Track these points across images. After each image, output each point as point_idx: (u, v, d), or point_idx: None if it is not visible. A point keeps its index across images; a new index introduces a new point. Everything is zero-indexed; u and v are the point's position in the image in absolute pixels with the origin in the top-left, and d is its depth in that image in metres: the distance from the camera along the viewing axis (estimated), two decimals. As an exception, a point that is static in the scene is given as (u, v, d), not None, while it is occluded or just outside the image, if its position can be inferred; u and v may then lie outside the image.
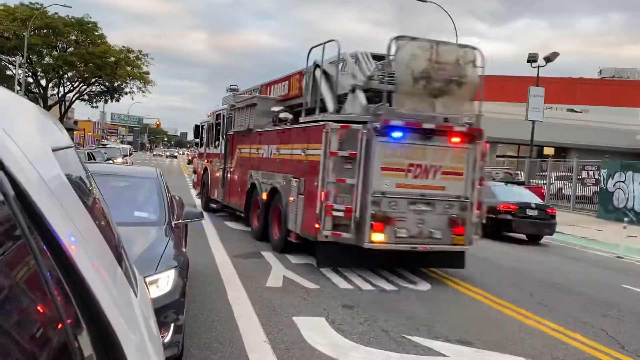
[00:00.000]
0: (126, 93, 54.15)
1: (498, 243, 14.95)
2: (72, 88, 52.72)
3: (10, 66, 48.95)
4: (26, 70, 44.34)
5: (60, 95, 52.29)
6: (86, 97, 54.66)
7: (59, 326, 0.98)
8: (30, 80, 48.92)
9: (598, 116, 48.50)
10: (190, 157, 57.93)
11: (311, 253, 9.55)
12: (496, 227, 15.23)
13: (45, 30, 46.37)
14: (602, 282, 10.27)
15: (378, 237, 8.42)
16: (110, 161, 28.68)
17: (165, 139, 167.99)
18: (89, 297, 1.13)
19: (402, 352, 5.43)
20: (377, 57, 10.15)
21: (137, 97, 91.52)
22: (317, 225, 8.63)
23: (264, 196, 11.40)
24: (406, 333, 6.02)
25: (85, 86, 52.71)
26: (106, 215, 1.80)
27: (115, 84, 52.15)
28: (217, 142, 16.49)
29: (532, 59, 32.01)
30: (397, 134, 8.60)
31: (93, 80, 51.29)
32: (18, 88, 39.75)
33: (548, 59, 31.44)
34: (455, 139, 9.00)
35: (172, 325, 4.31)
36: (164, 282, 4.40)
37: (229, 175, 14.73)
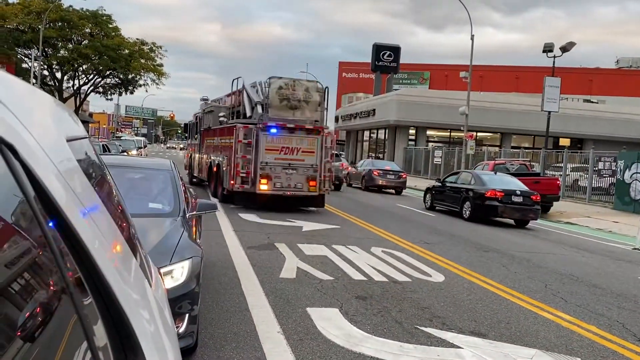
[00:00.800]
0: (140, 85, 54.49)
1: (489, 227, 15.92)
2: (87, 81, 53.12)
3: (25, 59, 49.41)
4: (41, 63, 44.72)
5: (75, 88, 52.68)
6: (101, 89, 55.06)
7: (74, 317, 0.99)
8: (46, 73, 49.37)
9: (615, 107, 47.92)
10: None
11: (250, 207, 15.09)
12: (484, 212, 16.89)
13: (60, 23, 46.67)
14: (618, 274, 10.18)
15: (263, 187, 15.14)
16: (125, 153, 28.90)
17: (179, 131, 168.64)
18: (105, 288, 1.14)
19: (416, 343, 5.43)
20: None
21: (151, 90, 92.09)
22: (232, 182, 15.23)
23: (215, 169, 17.87)
24: (420, 324, 6.02)
25: (100, 79, 53.07)
26: (121, 206, 1.81)
27: (130, 77, 52.43)
28: (196, 136, 23.50)
29: (547, 49, 31.66)
30: (272, 130, 15.17)
31: (107, 72, 51.62)
32: (34, 81, 40.09)
33: (564, 49, 31.08)
34: (307, 130, 15.40)
35: (187, 315, 4.34)
36: (179, 273, 4.43)
37: (201, 158, 21.50)
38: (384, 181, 26.80)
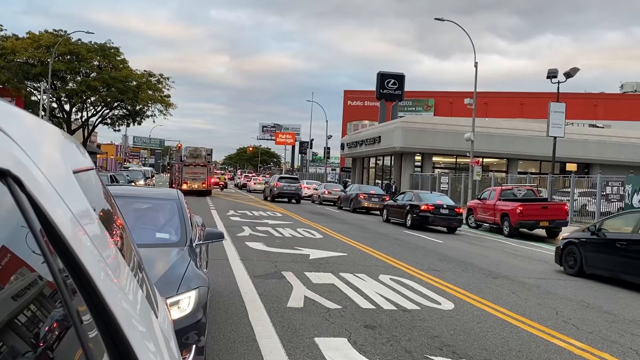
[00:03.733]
0: (148, 116, 55.04)
1: (426, 233, 20.90)
2: (95, 112, 53.71)
3: (35, 92, 50.07)
4: (50, 95, 45.29)
5: (83, 120, 53.25)
6: (109, 121, 55.64)
7: (80, 350, 0.98)
8: (55, 105, 49.95)
9: (620, 131, 47.85)
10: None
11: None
12: (420, 221, 21.96)
13: (68, 57, 47.42)
14: (629, 300, 10.04)
15: (184, 187, 36.08)
16: (132, 183, 29.07)
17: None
18: (111, 321, 1.13)
19: (426, 373, 5.34)
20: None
21: (158, 120, 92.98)
22: (174, 186, 35.53)
23: (173, 181, 40.71)
24: (429, 353, 5.94)
25: (108, 110, 53.65)
26: (127, 237, 1.81)
27: (137, 108, 52.97)
28: (170, 168, 47.97)
29: (551, 75, 31.79)
30: (187, 164, 38.94)
31: (115, 104, 52.19)
32: (42, 113, 40.55)
33: (568, 75, 31.21)
34: (201, 166, 39.15)
35: (194, 346, 4.30)
36: (185, 304, 4.40)
37: (173, 179, 41.21)
38: (369, 203, 30.51)
